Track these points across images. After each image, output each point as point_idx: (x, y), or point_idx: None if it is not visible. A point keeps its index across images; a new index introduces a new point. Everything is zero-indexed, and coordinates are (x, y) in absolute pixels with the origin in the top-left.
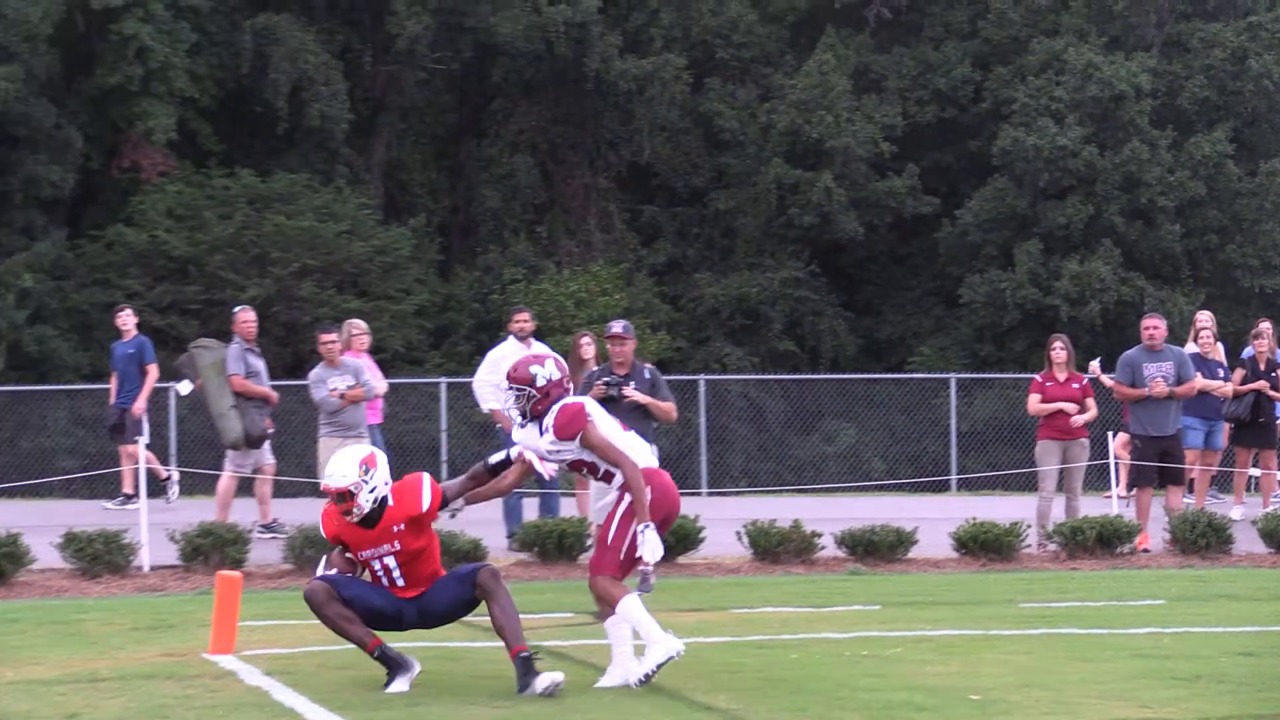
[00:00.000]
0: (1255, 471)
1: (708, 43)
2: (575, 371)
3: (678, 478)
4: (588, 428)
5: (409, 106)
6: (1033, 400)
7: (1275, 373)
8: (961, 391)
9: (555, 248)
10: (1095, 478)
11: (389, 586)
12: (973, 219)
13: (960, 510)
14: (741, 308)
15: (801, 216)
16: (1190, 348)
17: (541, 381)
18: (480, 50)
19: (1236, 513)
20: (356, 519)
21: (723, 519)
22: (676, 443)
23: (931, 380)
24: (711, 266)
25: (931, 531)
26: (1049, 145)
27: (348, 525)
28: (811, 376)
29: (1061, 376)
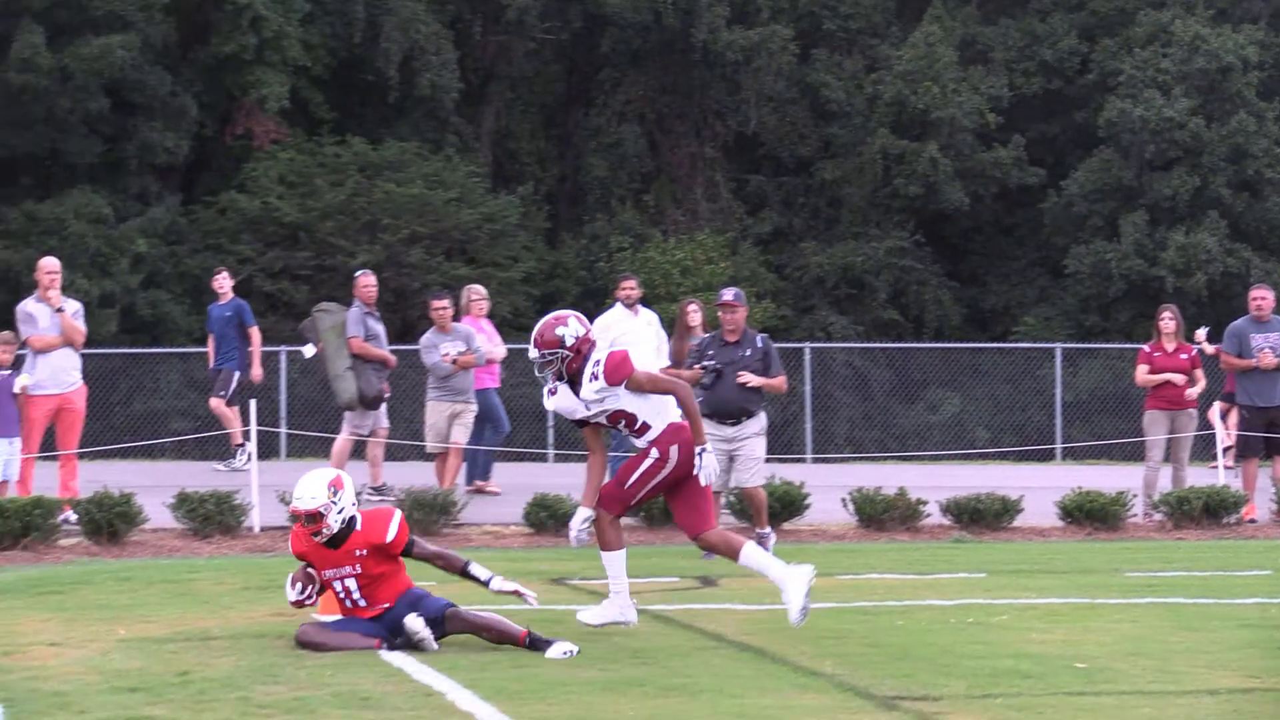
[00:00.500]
0: None
1: (814, 14)
2: (681, 338)
3: (782, 445)
4: (635, 372)
5: (518, 76)
6: (1141, 371)
7: None
8: (1066, 361)
9: (662, 216)
10: (1201, 448)
11: (351, 608)
12: (1078, 190)
13: (1065, 479)
14: (846, 277)
15: (907, 186)
16: None
17: (570, 340)
18: (589, 20)
19: None
20: (325, 540)
21: (827, 486)
22: (781, 410)
23: (1036, 350)
24: (817, 236)
25: (1036, 500)
26: (1155, 117)
27: (314, 545)
28: (916, 345)
29: (1170, 347)
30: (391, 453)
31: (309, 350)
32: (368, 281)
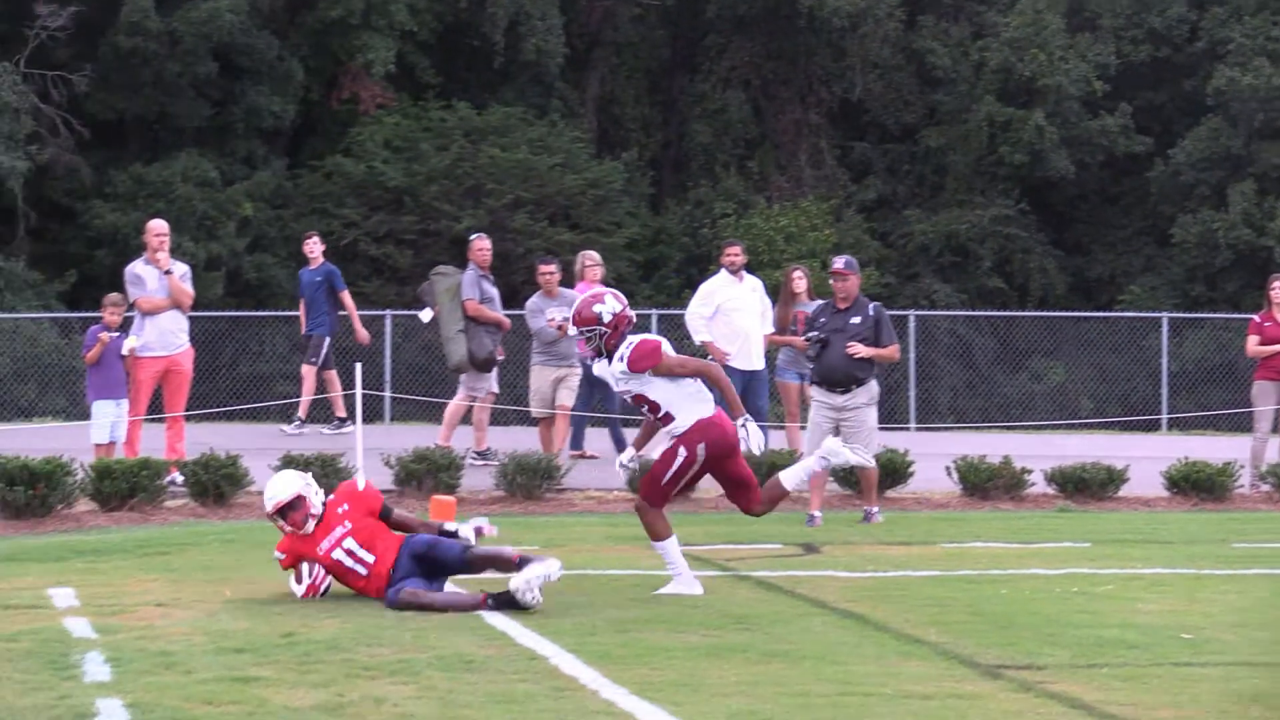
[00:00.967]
0: None
1: None
2: (785, 305)
3: (885, 413)
4: (662, 362)
5: (623, 42)
6: (1251, 341)
7: None
8: (1172, 331)
9: (766, 183)
10: None
11: (365, 570)
12: (1185, 159)
13: (1170, 450)
14: (950, 244)
15: (1012, 154)
16: None
17: (608, 317)
18: None
19: None
20: (314, 523)
21: (930, 454)
22: (884, 378)
23: (1142, 319)
24: (921, 203)
25: (1142, 470)
26: (1265, 85)
27: (301, 541)
28: (1020, 314)
29: None
30: (495, 418)
31: (426, 314)
32: (482, 245)
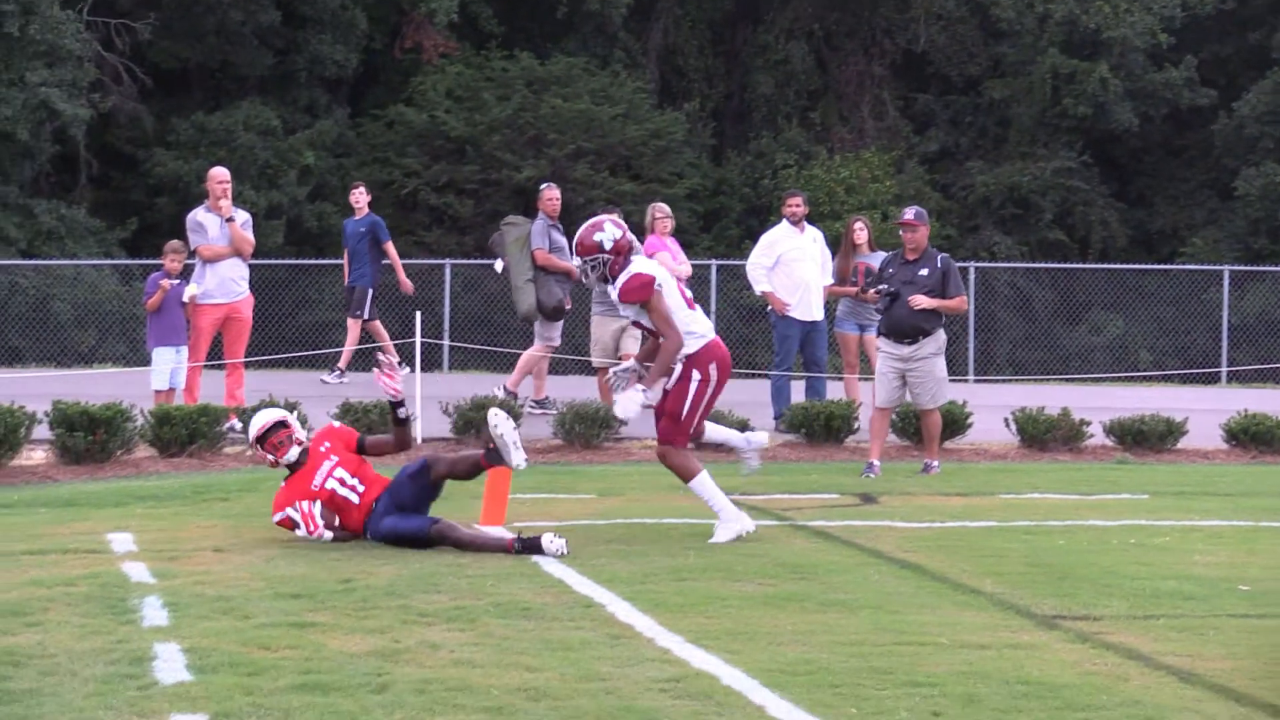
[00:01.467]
0: None
1: None
2: (846, 256)
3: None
4: (652, 298)
5: None
6: None
7: None
8: (1234, 284)
9: (827, 134)
10: None
11: (357, 499)
12: (1250, 111)
13: (1230, 402)
14: (1012, 197)
15: (1076, 106)
16: None
17: (609, 244)
18: None
19: None
20: (300, 448)
21: (989, 406)
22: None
23: (1203, 272)
24: (983, 155)
25: (1201, 423)
26: None
27: (291, 487)
28: (1081, 266)
29: None
30: (553, 367)
31: (499, 265)
32: (552, 195)
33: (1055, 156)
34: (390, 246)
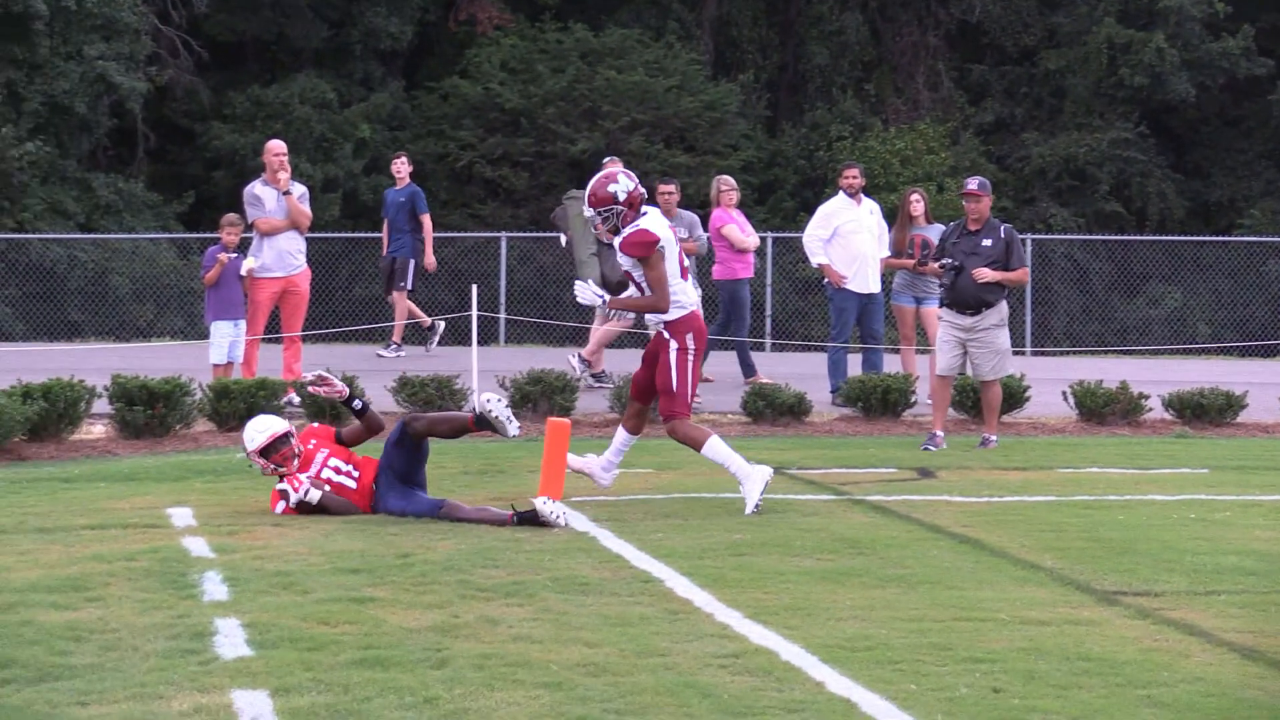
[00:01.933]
0: None
1: None
2: (902, 228)
3: None
4: (651, 256)
5: None
6: None
7: None
8: None
9: (882, 105)
10: None
11: (354, 483)
12: None
13: None
14: (1068, 168)
15: (1132, 77)
16: None
17: (622, 195)
18: None
19: None
20: (296, 462)
21: (1046, 379)
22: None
23: (1261, 244)
24: (1039, 126)
25: (1261, 396)
26: None
27: (287, 481)
28: (1137, 238)
29: None
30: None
31: (564, 239)
32: (613, 168)
33: (1111, 127)
34: (427, 219)
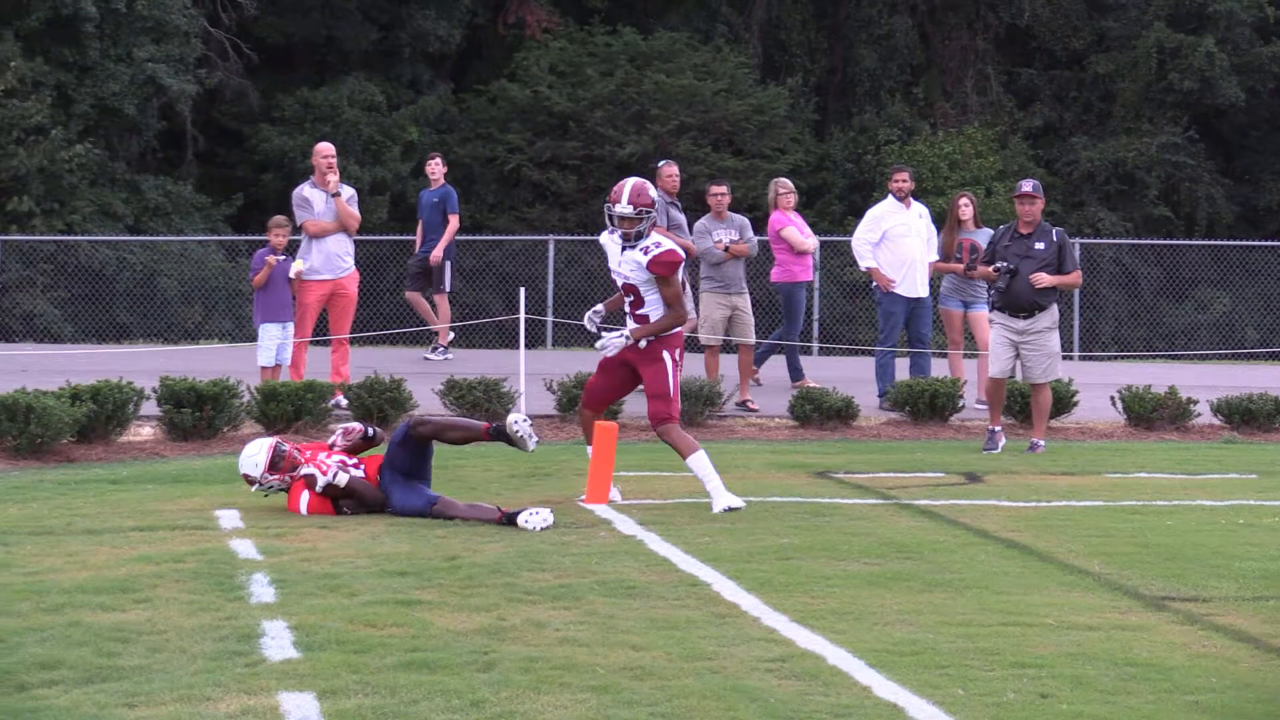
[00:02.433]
0: None
1: None
2: (951, 232)
3: None
4: (673, 276)
5: None
6: None
7: None
8: None
9: (930, 109)
10: None
11: (361, 472)
12: None
13: None
14: (1117, 172)
15: (1182, 81)
16: None
17: (618, 210)
18: None
19: None
20: (322, 479)
21: (1094, 384)
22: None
23: None
24: (1088, 130)
25: None
26: None
27: (299, 484)
28: (1186, 242)
29: None
30: None
31: None
32: (671, 171)
33: (1160, 132)
34: (455, 219)
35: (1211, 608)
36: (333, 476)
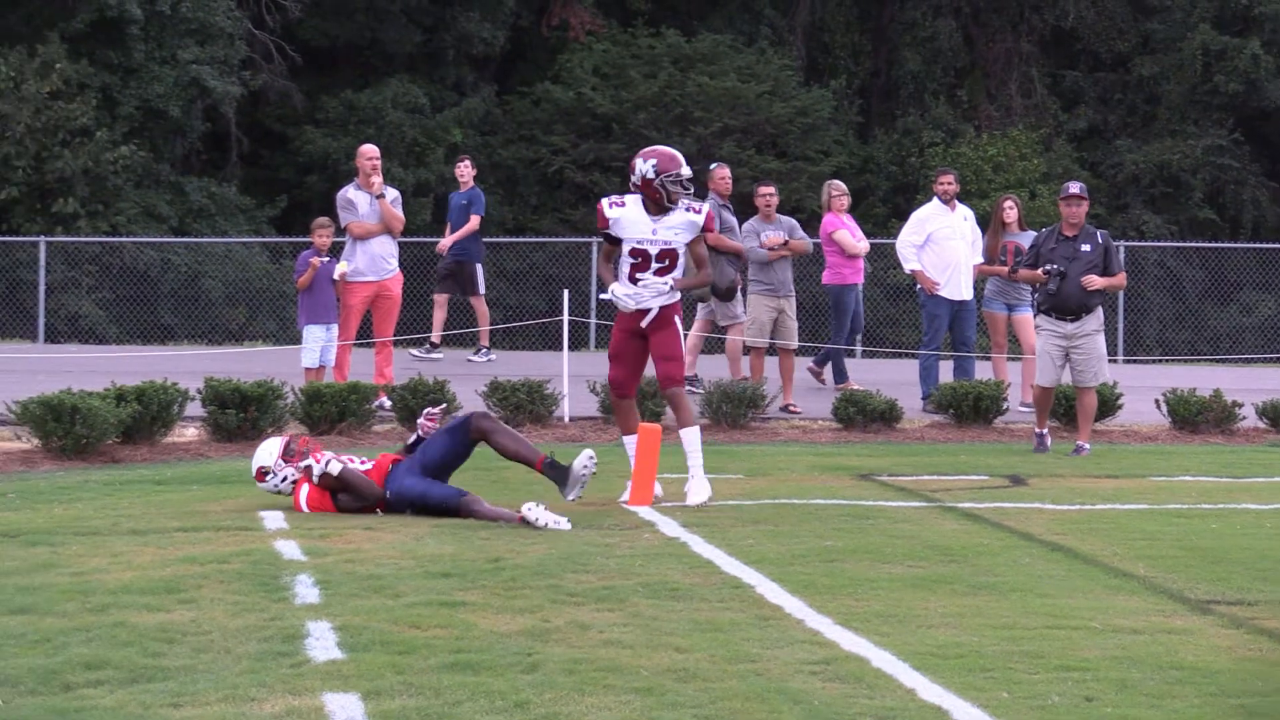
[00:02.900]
0: None
1: None
2: (995, 234)
3: None
4: (710, 232)
5: None
6: None
7: None
8: None
9: (975, 112)
10: None
11: (369, 463)
12: None
13: None
14: (1162, 175)
15: (1227, 84)
16: None
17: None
18: None
19: None
20: (317, 468)
21: (1138, 387)
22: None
23: None
24: (1132, 133)
25: None
26: None
27: (314, 487)
28: (1231, 245)
29: None
30: (705, 345)
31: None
32: (723, 174)
33: (1205, 134)
34: (476, 219)
35: (1257, 611)
36: (325, 464)
